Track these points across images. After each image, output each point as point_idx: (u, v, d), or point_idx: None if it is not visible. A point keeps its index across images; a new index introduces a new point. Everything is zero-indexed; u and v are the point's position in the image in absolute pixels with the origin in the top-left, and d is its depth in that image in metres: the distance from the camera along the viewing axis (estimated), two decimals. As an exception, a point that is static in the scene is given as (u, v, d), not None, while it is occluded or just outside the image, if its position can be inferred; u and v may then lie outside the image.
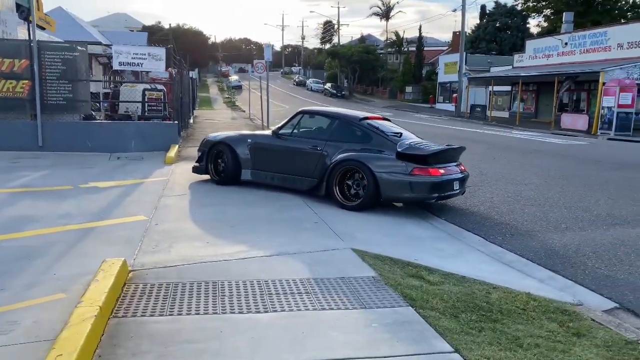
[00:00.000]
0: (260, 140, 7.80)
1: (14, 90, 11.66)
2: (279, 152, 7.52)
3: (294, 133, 7.59)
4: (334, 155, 6.95)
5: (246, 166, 7.77)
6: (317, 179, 7.08)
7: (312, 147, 7.21)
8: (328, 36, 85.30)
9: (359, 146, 6.94)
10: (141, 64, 12.75)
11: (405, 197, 6.68)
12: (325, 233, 5.45)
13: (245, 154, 7.75)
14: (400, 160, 6.57)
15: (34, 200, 6.61)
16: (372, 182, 6.54)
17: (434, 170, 6.59)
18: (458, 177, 6.96)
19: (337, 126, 7.33)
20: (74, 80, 12.08)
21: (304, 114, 7.82)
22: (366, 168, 6.57)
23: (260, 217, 5.99)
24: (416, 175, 6.48)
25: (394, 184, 6.53)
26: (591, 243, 5.69)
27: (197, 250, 4.65)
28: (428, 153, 6.62)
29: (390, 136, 7.06)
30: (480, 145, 16.13)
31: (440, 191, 6.66)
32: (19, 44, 12.23)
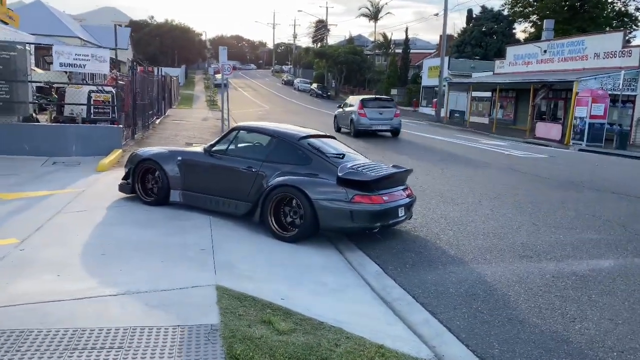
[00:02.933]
0: (191, 157, 7.16)
1: (-54, 90, 11.23)
2: (211, 172, 6.90)
3: (229, 151, 6.97)
4: (271, 177, 6.40)
5: (175, 186, 7.12)
6: (252, 203, 6.50)
7: (247, 168, 6.64)
8: (320, 35, 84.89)
9: (298, 168, 6.38)
10: (84, 65, 12.30)
11: (346, 227, 6.13)
12: (203, 264, 5.09)
13: (174, 172, 7.10)
14: (340, 185, 6.05)
15: None
16: (310, 210, 5.99)
17: (377, 197, 6.11)
18: (404, 202, 6.49)
19: (275, 145, 6.75)
20: (12, 80, 11.67)
21: (240, 130, 7.26)
22: (303, 194, 6.01)
23: (142, 242, 5.62)
24: (357, 203, 5.97)
25: (333, 212, 5.98)
26: (488, 279, 5.37)
27: (39, 285, 4.27)
28: (370, 179, 6.10)
29: (332, 158, 6.51)
30: (437, 155, 15.84)
31: (384, 219, 6.20)
32: (-49, 42, 11.79)
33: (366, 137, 20.12)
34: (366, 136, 20.39)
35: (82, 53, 12.34)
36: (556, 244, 6.72)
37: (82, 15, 68.32)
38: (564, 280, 5.41)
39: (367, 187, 6.06)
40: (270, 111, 35.90)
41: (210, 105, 38.72)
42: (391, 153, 15.67)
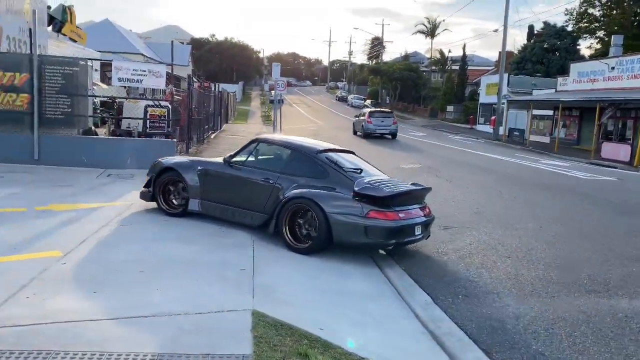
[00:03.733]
0: (211, 167, 7.22)
1: (13, 103, 11.74)
2: (229, 182, 6.93)
3: (248, 162, 7.02)
4: (287, 189, 6.39)
5: (194, 196, 7.15)
6: (269, 214, 6.49)
7: (265, 180, 6.66)
8: (375, 52, 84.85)
9: (315, 181, 6.38)
10: (141, 80, 12.61)
11: (360, 242, 6.01)
12: (241, 285, 4.88)
13: (194, 181, 7.16)
14: (356, 200, 5.98)
15: (-28, 225, 6.37)
16: (324, 223, 5.93)
17: (393, 213, 5.97)
18: (420, 221, 6.31)
19: (293, 158, 6.78)
20: (74, 94, 12.08)
21: (260, 142, 7.29)
22: (318, 207, 5.97)
23: (182, 259, 5.48)
24: (372, 219, 5.86)
25: (347, 226, 5.91)
26: (550, 316, 4.86)
27: (74, 302, 4.18)
28: (386, 194, 5.99)
29: (349, 172, 6.48)
30: (493, 176, 15.12)
31: (399, 237, 6.05)
32: (20, 58, 12.36)
33: (402, 149, 19.62)
34: (399, 147, 19.89)
35: (140, 68, 12.65)
36: (629, 277, 6.07)
37: (147, 34, 71.43)
38: (639, 321, 4.82)
39: (382, 202, 5.95)
40: (323, 127, 35.90)
41: (265, 120, 39.25)
42: (447, 172, 15.11)
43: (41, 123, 11.69)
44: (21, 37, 17.23)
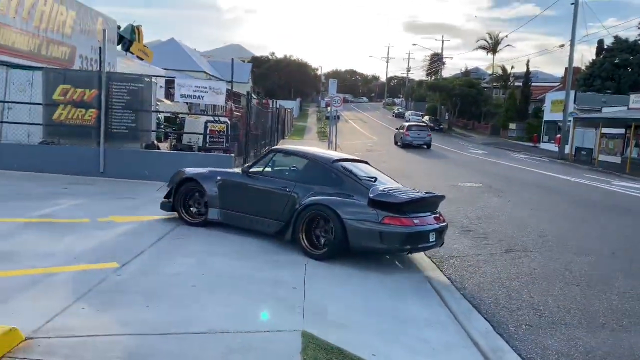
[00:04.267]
0: (229, 177, 7.41)
1: (82, 117, 12.29)
2: (247, 192, 7.12)
3: (265, 172, 7.21)
4: (304, 197, 6.56)
5: (214, 205, 7.31)
6: (285, 222, 6.64)
7: (281, 188, 6.84)
8: (434, 68, 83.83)
9: (330, 189, 6.56)
10: (202, 96, 12.94)
11: (375, 247, 6.21)
12: (293, 305, 4.76)
13: (213, 191, 7.32)
14: (371, 207, 6.14)
15: (39, 234, 6.61)
16: (340, 229, 6.10)
17: (407, 220, 6.13)
18: (434, 228, 6.43)
19: (308, 167, 7.01)
20: (138, 110, 12.53)
21: (276, 152, 7.55)
22: (334, 213, 6.16)
23: (234, 275, 5.45)
24: (387, 225, 6.02)
25: (363, 232, 6.08)
26: (625, 352, 4.43)
27: (127, 315, 4.20)
28: (401, 201, 6.15)
29: (364, 180, 6.65)
30: (560, 197, 14.34)
31: (413, 243, 6.22)
32: (90, 75, 13.01)
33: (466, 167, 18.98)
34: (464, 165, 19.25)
35: (201, 85, 12.98)
36: None
37: (210, 52, 74.04)
38: None
39: (397, 209, 6.09)
40: (378, 143, 35.62)
41: (321, 136, 39.47)
42: (509, 192, 14.49)
43: (107, 137, 12.17)
44: (92, 55, 18.22)
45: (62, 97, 12.01)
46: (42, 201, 8.70)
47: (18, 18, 13.77)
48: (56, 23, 15.78)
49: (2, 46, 13.18)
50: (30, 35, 14.42)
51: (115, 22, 20.53)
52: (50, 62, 15.01)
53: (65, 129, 12.10)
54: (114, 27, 20.31)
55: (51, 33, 15.52)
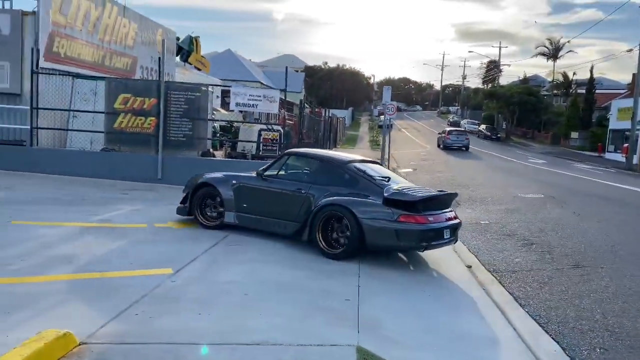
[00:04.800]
0: (245, 181, 7.47)
1: (142, 126, 12.65)
2: (263, 195, 7.22)
3: (280, 175, 7.32)
4: (319, 199, 6.66)
5: (230, 209, 7.40)
6: (301, 223, 6.75)
7: (297, 190, 6.94)
8: (490, 76, 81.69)
9: (345, 190, 6.68)
10: (256, 105, 13.05)
11: (392, 245, 6.41)
12: (346, 317, 4.58)
13: (229, 195, 7.40)
14: (386, 205, 6.26)
15: (97, 238, 6.76)
16: (356, 228, 6.22)
17: (422, 217, 6.24)
18: (449, 225, 6.57)
19: (323, 169, 7.13)
20: (195, 118, 12.77)
21: (290, 155, 7.61)
22: (350, 213, 6.27)
23: (285, 284, 5.33)
24: (403, 223, 6.14)
25: (379, 230, 6.20)
26: None
27: (179, 323, 4.15)
28: (416, 199, 6.26)
29: (378, 180, 6.79)
30: (629, 209, 13.40)
31: (429, 240, 6.28)
32: (150, 84, 13.38)
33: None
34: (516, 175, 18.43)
35: (255, 94, 13.10)
36: None
37: (265, 63, 75.34)
38: None
39: (412, 207, 6.20)
40: (432, 152, 34.90)
41: (372, 145, 39.14)
42: (574, 203, 13.72)
43: (165, 144, 12.45)
44: (152, 66, 18.84)
45: (123, 106, 12.42)
46: (102, 206, 8.95)
47: (84, 31, 14.41)
48: (119, 35, 16.43)
49: (69, 57, 13.81)
50: (95, 47, 15.06)
51: (174, 33, 21.19)
52: (113, 73, 15.61)
53: (125, 136, 12.49)
54: (173, 38, 20.98)
55: (114, 45, 16.16)
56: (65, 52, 13.67)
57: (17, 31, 12.69)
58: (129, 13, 16.95)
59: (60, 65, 13.40)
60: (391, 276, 6.16)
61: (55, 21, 13.10)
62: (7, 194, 9.32)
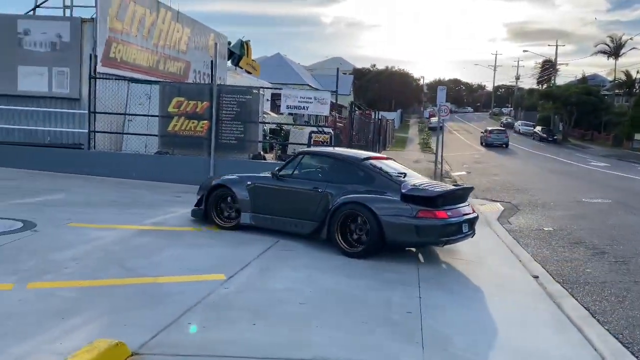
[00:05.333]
0: (260, 182, 7.44)
1: (195, 129, 12.72)
2: (278, 194, 7.20)
3: (295, 174, 7.26)
4: (336, 197, 6.62)
5: (246, 209, 7.36)
6: (318, 222, 6.71)
7: (313, 189, 6.89)
8: (546, 76, 78.74)
9: (362, 187, 6.66)
10: (307, 107, 12.88)
11: (412, 241, 6.44)
12: (409, 332, 4.26)
13: (244, 196, 7.36)
14: (405, 202, 6.23)
15: (151, 241, 6.70)
16: (376, 225, 6.18)
17: (441, 212, 6.23)
18: (467, 218, 6.59)
19: (339, 167, 7.10)
20: (246, 121, 12.73)
21: (305, 155, 7.59)
22: (369, 211, 6.24)
23: (342, 294, 5.06)
24: (422, 218, 6.13)
25: (398, 227, 6.18)
26: None
27: (233, 334, 3.96)
28: (434, 194, 6.28)
29: (394, 177, 6.76)
30: None
31: (449, 235, 6.33)
32: (202, 87, 13.48)
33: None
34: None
35: (306, 96, 12.95)
36: None
37: (313, 66, 75.49)
38: None
39: (431, 202, 6.18)
40: (486, 155, 33.80)
41: (423, 147, 38.36)
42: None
43: (217, 147, 12.47)
44: (205, 70, 19.02)
45: (177, 110, 12.53)
46: (156, 209, 8.98)
47: (139, 36, 14.69)
48: (173, 40, 16.68)
49: (125, 62, 14.10)
50: (149, 52, 15.33)
51: (226, 37, 21.39)
52: (167, 77, 15.85)
53: (178, 139, 12.59)
54: (225, 42, 21.17)
55: (168, 50, 16.42)
56: (122, 57, 13.97)
57: (76, 38, 13.04)
58: (182, 18, 17.19)
59: (117, 70, 13.69)
60: (453, 286, 5.78)
61: (112, 27, 13.39)
62: (65, 196, 9.51)
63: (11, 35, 13.12)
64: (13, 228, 6.60)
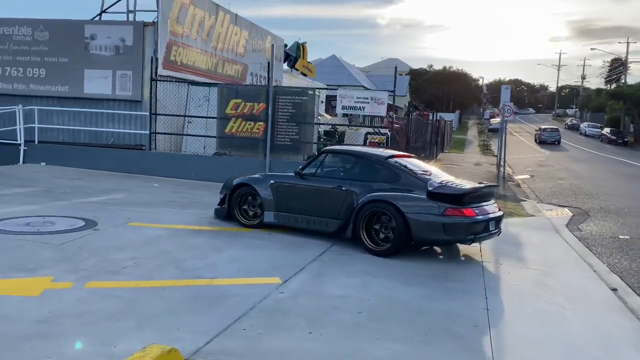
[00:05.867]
0: (283, 180, 7.44)
1: (251, 130, 12.79)
2: (302, 193, 7.20)
3: (318, 173, 7.25)
4: (361, 195, 6.58)
5: (269, 208, 7.37)
6: (343, 220, 6.69)
7: (337, 187, 6.86)
8: (615, 75, 74.54)
9: (387, 185, 6.61)
10: (363, 107, 12.65)
11: (439, 239, 6.33)
12: (477, 347, 3.95)
13: (268, 195, 7.37)
14: (431, 200, 6.18)
15: (207, 241, 6.64)
16: (402, 223, 6.14)
17: (468, 210, 6.19)
18: (493, 217, 6.52)
19: (363, 165, 7.06)
20: (301, 122, 12.65)
21: (328, 153, 7.57)
22: (395, 209, 6.19)
23: (401, 303, 4.77)
24: (449, 216, 6.08)
25: (425, 225, 6.12)
26: None
27: (288, 342, 3.78)
28: (462, 192, 6.23)
29: (420, 175, 6.71)
30: None
31: (476, 233, 6.24)
32: (259, 89, 13.51)
33: None
34: None
35: (362, 96, 12.71)
36: None
37: (368, 67, 75.11)
38: None
39: (458, 200, 6.15)
40: (551, 157, 32.20)
41: (483, 150, 37.17)
42: None
43: (272, 149, 12.47)
44: (261, 73, 19.16)
45: (234, 111, 12.63)
46: (205, 209, 8.98)
47: (199, 39, 14.93)
48: (231, 43, 16.87)
49: (184, 65, 14.36)
50: (208, 55, 15.56)
51: (282, 40, 21.47)
52: (225, 80, 16.04)
53: (235, 141, 12.70)
54: (281, 45, 21.24)
55: (226, 52, 16.62)
56: (181, 60, 14.23)
57: (138, 42, 13.40)
58: (240, 21, 17.37)
59: (177, 73, 13.96)
60: (523, 297, 5.38)
61: (172, 31, 13.67)
62: (126, 195, 9.72)
63: (79, 40, 13.66)
64: (75, 226, 6.74)
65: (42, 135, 13.46)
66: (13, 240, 5.88)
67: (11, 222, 6.69)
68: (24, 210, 7.55)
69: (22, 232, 6.27)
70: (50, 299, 4.25)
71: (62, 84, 13.84)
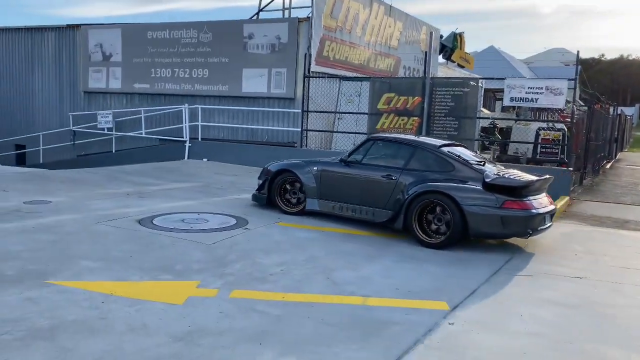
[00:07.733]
0: (328, 167, 7.23)
1: (404, 126, 11.91)
2: (348, 181, 7.00)
3: (366, 160, 7.00)
4: (412, 185, 6.35)
5: (312, 195, 7.21)
6: (392, 211, 6.44)
7: (387, 176, 6.64)
8: None
9: (440, 175, 6.35)
10: (536, 99, 11.00)
11: (497, 233, 6.09)
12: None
13: (310, 182, 7.22)
14: (488, 191, 5.92)
15: (357, 247, 5.97)
16: (459, 216, 5.89)
17: (527, 203, 5.95)
18: (549, 210, 6.26)
19: (415, 154, 6.72)
20: (461, 117, 11.46)
21: (375, 141, 7.33)
22: (451, 200, 5.96)
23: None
24: (508, 209, 5.85)
25: (483, 218, 5.89)
26: None
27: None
28: (520, 184, 6.00)
29: (475, 165, 6.43)
30: None
31: (534, 226, 5.98)
32: (414, 82, 12.57)
33: None
34: None
35: (536, 86, 11.04)
36: None
37: (530, 59, 69.24)
38: None
39: (516, 192, 5.93)
40: None
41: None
42: None
43: (427, 146, 11.47)
44: (415, 66, 18.17)
45: (386, 106, 11.88)
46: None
47: (352, 33, 14.46)
48: (384, 36, 16.16)
49: (337, 60, 14.01)
50: (361, 49, 15.03)
51: (438, 31, 20.23)
52: (376, 74, 15.37)
53: (387, 137, 11.93)
54: (437, 36, 20.02)
55: (379, 46, 15.96)
56: (334, 55, 13.88)
57: (293, 38, 13.32)
58: (395, 12, 16.57)
59: (329, 69, 13.65)
60: (586, 304, 3.76)
61: (326, 25, 13.36)
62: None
63: (238, 40, 14.02)
64: (227, 225, 6.54)
65: (205, 132, 14.11)
66: (166, 238, 5.78)
67: (169, 218, 6.70)
68: (182, 205, 7.61)
69: (175, 229, 6.19)
70: (193, 309, 3.87)
71: (222, 84, 14.35)
